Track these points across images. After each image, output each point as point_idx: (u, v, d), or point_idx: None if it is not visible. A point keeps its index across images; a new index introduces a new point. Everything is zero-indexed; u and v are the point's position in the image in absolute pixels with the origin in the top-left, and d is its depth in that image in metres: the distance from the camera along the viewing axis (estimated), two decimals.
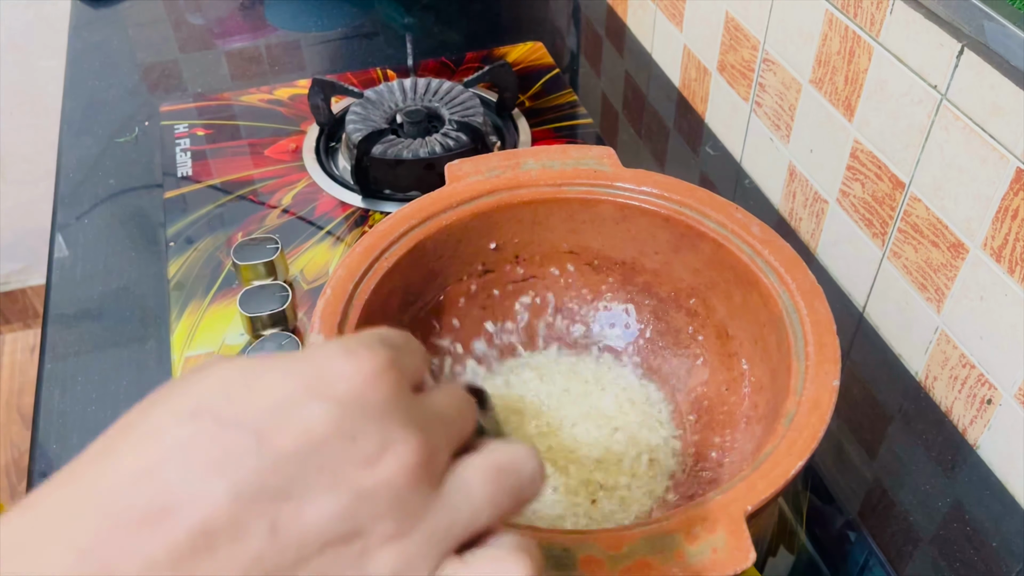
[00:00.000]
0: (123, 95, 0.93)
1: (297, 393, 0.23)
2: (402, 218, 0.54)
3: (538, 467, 0.26)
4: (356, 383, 0.23)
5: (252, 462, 0.21)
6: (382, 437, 0.23)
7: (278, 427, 0.22)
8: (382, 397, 0.23)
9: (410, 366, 0.26)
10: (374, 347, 0.24)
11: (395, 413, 0.23)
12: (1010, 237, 0.53)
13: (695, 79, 0.90)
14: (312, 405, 0.22)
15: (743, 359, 0.54)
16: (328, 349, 0.24)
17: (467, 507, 0.24)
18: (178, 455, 0.22)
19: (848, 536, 0.55)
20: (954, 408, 0.61)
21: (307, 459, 0.22)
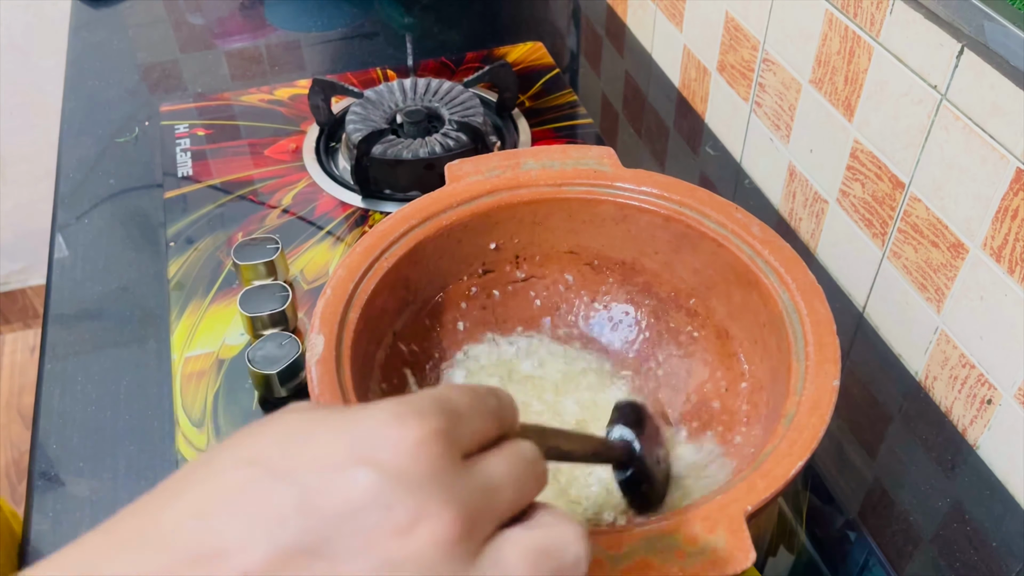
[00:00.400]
0: (123, 95, 0.93)
1: (344, 455, 0.24)
2: (402, 218, 0.54)
3: (583, 551, 0.26)
4: (399, 452, 0.24)
5: (293, 519, 0.23)
6: (417, 508, 0.23)
7: (322, 487, 0.23)
8: (423, 468, 0.24)
9: (467, 432, 0.26)
10: (426, 414, 0.25)
11: (435, 485, 0.24)
12: (1010, 237, 0.53)
13: (695, 79, 0.90)
14: (355, 470, 0.24)
15: (743, 359, 0.54)
16: (382, 412, 0.25)
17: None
18: (232, 501, 0.24)
19: (848, 536, 0.55)
20: (954, 408, 0.61)
21: (343, 523, 0.23)
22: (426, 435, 0.24)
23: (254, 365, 0.60)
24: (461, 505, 0.24)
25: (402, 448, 0.24)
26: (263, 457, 0.24)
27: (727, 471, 0.49)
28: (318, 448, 0.24)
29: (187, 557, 0.23)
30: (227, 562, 0.23)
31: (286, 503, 0.23)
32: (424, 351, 0.56)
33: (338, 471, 0.24)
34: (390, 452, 0.24)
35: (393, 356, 0.54)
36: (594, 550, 0.37)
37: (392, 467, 0.24)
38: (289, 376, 0.60)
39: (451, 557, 0.24)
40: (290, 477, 0.24)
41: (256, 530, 0.23)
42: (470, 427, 0.26)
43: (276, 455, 0.24)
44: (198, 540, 0.23)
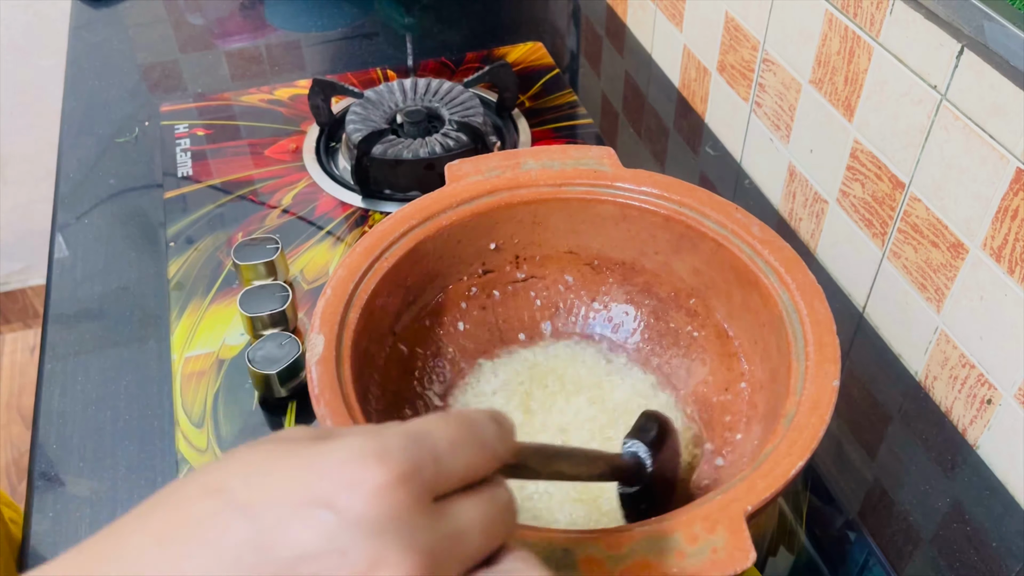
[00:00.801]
0: (123, 95, 0.93)
1: (304, 495, 0.24)
2: (402, 218, 0.54)
3: None
4: (360, 496, 0.23)
5: (248, 557, 0.23)
6: (374, 555, 0.23)
7: (279, 527, 0.23)
8: (384, 513, 0.23)
9: (442, 473, 0.25)
10: (393, 455, 0.24)
11: (395, 531, 0.23)
12: (1010, 237, 0.53)
13: (695, 79, 0.90)
14: (312, 512, 0.23)
15: (743, 359, 0.54)
16: (347, 450, 0.24)
17: None
18: (191, 531, 0.24)
19: (848, 536, 0.55)
20: (954, 408, 0.61)
21: (297, 565, 0.23)
22: (390, 480, 0.24)
23: (254, 365, 0.60)
24: (423, 552, 0.23)
25: (364, 491, 0.23)
26: (227, 487, 0.24)
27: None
28: (280, 483, 0.24)
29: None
30: None
31: (242, 539, 0.23)
32: (424, 351, 0.56)
33: (297, 510, 0.23)
34: (351, 495, 0.23)
35: (393, 356, 0.54)
36: (594, 550, 0.37)
37: (351, 511, 0.23)
38: (289, 376, 0.60)
39: None
40: (249, 512, 0.23)
41: (211, 564, 0.23)
42: (447, 468, 0.25)
43: (239, 486, 0.24)
44: (156, 568, 0.23)
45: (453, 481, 0.26)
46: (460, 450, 0.26)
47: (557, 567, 0.36)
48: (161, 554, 0.23)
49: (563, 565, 0.36)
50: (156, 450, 0.59)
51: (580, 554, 0.36)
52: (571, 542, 0.37)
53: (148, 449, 0.59)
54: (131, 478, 0.57)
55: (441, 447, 0.25)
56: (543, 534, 0.38)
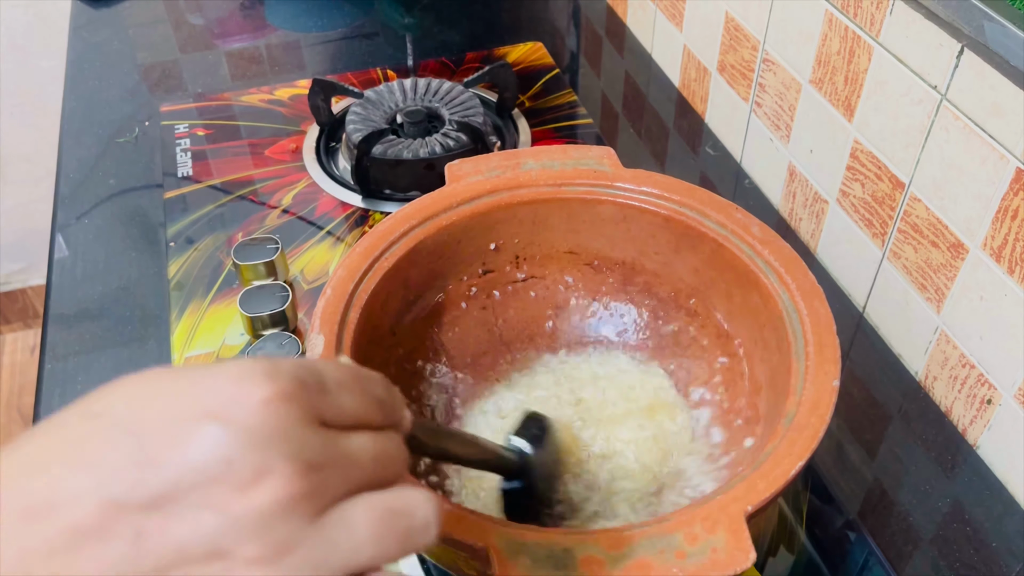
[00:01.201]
0: (123, 95, 0.93)
1: (189, 410, 0.23)
2: (402, 218, 0.54)
3: (432, 514, 0.26)
4: (247, 408, 0.23)
5: (130, 471, 0.22)
6: (260, 464, 0.23)
7: (163, 440, 0.23)
8: (269, 425, 0.23)
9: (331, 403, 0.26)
10: (280, 375, 0.24)
11: (279, 443, 0.23)
12: (1010, 237, 0.53)
13: (695, 79, 0.90)
14: (198, 424, 0.23)
15: (743, 359, 0.54)
16: (235, 369, 0.24)
17: (347, 543, 0.24)
18: (69, 453, 0.23)
19: (848, 536, 0.55)
20: (954, 408, 0.61)
21: (182, 476, 0.22)
22: (276, 393, 0.24)
23: None
24: (306, 465, 0.24)
25: (250, 404, 0.23)
26: (108, 411, 0.24)
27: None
28: (166, 402, 0.24)
29: (17, 509, 0.22)
30: (57, 514, 0.22)
31: (123, 454, 0.23)
32: (424, 351, 0.56)
33: (182, 424, 0.23)
34: (238, 408, 0.23)
35: (393, 356, 0.54)
36: (594, 550, 0.37)
37: (238, 422, 0.23)
38: None
39: (292, 514, 0.23)
40: (132, 429, 0.23)
41: (88, 481, 0.22)
42: (333, 400, 0.26)
43: (122, 408, 0.24)
44: (30, 491, 0.23)
45: (340, 414, 0.26)
46: (346, 388, 0.26)
47: (557, 566, 0.36)
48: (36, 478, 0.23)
49: (563, 565, 0.36)
50: None
51: (580, 554, 0.36)
52: (571, 541, 0.37)
53: None
54: None
55: (328, 379, 0.26)
56: (543, 534, 0.38)
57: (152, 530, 0.22)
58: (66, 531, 0.22)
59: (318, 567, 0.23)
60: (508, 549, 0.37)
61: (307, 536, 0.23)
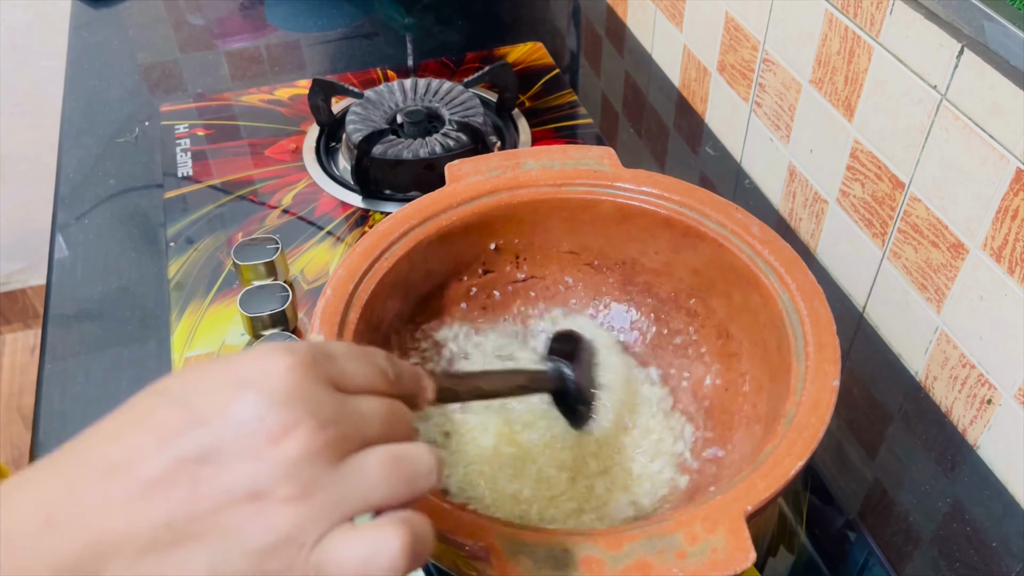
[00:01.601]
0: (123, 95, 0.93)
1: (227, 381, 0.29)
2: (402, 218, 0.54)
3: (434, 462, 0.31)
4: (271, 375, 0.29)
5: (186, 432, 0.28)
6: (287, 419, 0.28)
7: (209, 406, 0.28)
8: (289, 387, 0.28)
9: (340, 370, 0.31)
10: (297, 350, 0.30)
11: (299, 402, 0.28)
12: (1010, 237, 0.53)
13: (695, 79, 0.90)
14: (235, 391, 0.28)
15: (743, 359, 0.54)
16: (260, 349, 0.30)
17: (362, 484, 0.29)
18: (137, 422, 0.29)
19: (848, 536, 0.55)
20: (954, 408, 0.61)
21: (226, 433, 0.28)
22: (294, 363, 0.29)
23: None
24: (324, 419, 0.28)
25: (273, 373, 0.29)
26: (166, 389, 0.29)
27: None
28: (209, 378, 0.29)
29: (99, 466, 0.28)
30: (132, 468, 0.27)
31: (180, 419, 0.28)
32: (424, 351, 0.56)
33: (221, 392, 0.28)
34: (264, 377, 0.29)
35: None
36: (594, 550, 0.37)
37: (266, 387, 0.28)
38: None
39: (315, 460, 0.28)
40: (184, 401, 0.28)
41: (155, 442, 0.28)
42: (343, 367, 0.31)
43: (177, 386, 0.29)
44: (108, 453, 0.28)
45: (349, 380, 0.31)
46: (352, 358, 0.32)
47: (557, 566, 0.36)
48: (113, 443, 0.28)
49: (563, 565, 0.36)
50: None
51: (580, 554, 0.36)
52: (571, 541, 0.37)
53: None
54: None
55: (337, 352, 0.31)
56: (543, 534, 0.38)
57: (205, 477, 0.27)
58: (139, 481, 0.27)
59: (338, 505, 0.28)
60: (508, 549, 0.37)
61: (328, 479, 0.28)
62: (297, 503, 0.27)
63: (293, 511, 0.27)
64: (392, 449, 0.30)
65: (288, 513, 0.27)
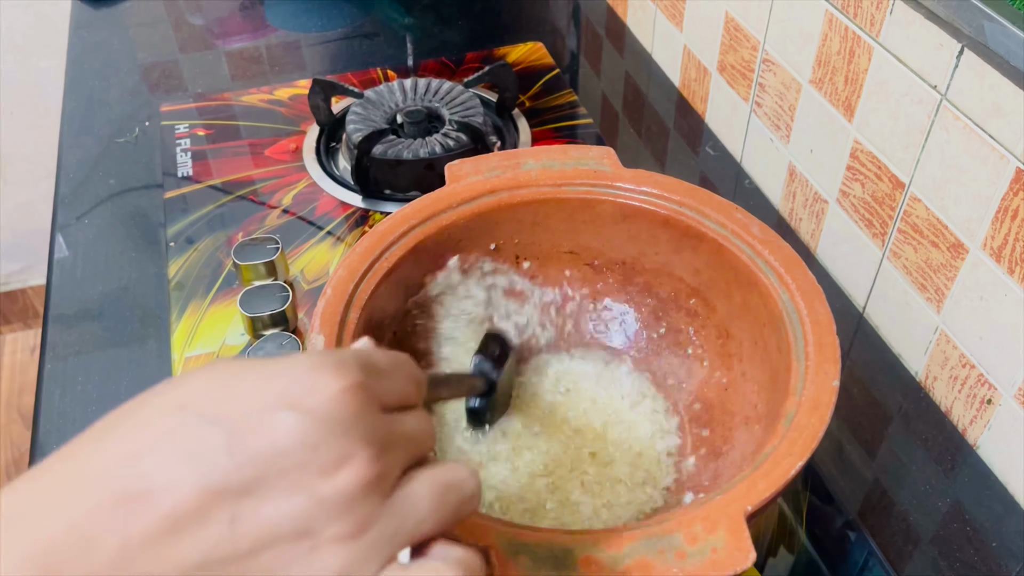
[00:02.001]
0: (123, 95, 0.93)
1: (271, 400, 0.25)
2: (402, 218, 0.54)
3: (477, 487, 0.29)
4: (324, 398, 0.25)
5: (222, 460, 0.24)
6: (341, 450, 0.25)
7: (250, 430, 0.25)
8: (346, 413, 0.26)
9: (386, 388, 0.28)
10: (348, 366, 0.27)
11: (356, 429, 0.26)
12: (1010, 237, 0.53)
13: (695, 79, 0.90)
14: (282, 414, 0.25)
15: (743, 359, 0.54)
16: (307, 361, 0.26)
17: (413, 517, 0.27)
18: (160, 444, 0.24)
19: (848, 536, 0.55)
20: (954, 408, 0.61)
21: (271, 462, 0.24)
22: (350, 384, 0.26)
23: None
24: (380, 449, 0.26)
25: (327, 395, 0.25)
26: (192, 403, 0.25)
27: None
28: (246, 394, 0.25)
29: (114, 498, 0.24)
30: (155, 501, 0.23)
31: (215, 444, 0.24)
32: (424, 351, 0.56)
33: (266, 414, 0.25)
34: (316, 398, 0.25)
35: None
36: (594, 550, 0.37)
37: (318, 412, 0.25)
38: None
39: (370, 494, 0.25)
40: (219, 420, 0.25)
41: (184, 470, 0.24)
42: (389, 386, 0.29)
43: (205, 401, 0.25)
44: (125, 481, 0.24)
45: (392, 398, 0.29)
46: (395, 373, 0.30)
47: (557, 566, 0.36)
48: (130, 468, 0.24)
49: (563, 565, 0.36)
50: None
51: (580, 554, 0.36)
52: (571, 541, 0.37)
53: None
54: None
55: (383, 367, 0.29)
56: (543, 534, 0.38)
57: (246, 513, 0.24)
58: (166, 517, 0.23)
59: (391, 540, 0.26)
60: (508, 549, 0.37)
61: (382, 513, 0.26)
62: (349, 542, 0.25)
63: (344, 551, 0.25)
64: (438, 476, 0.28)
65: (339, 554, 0.25)
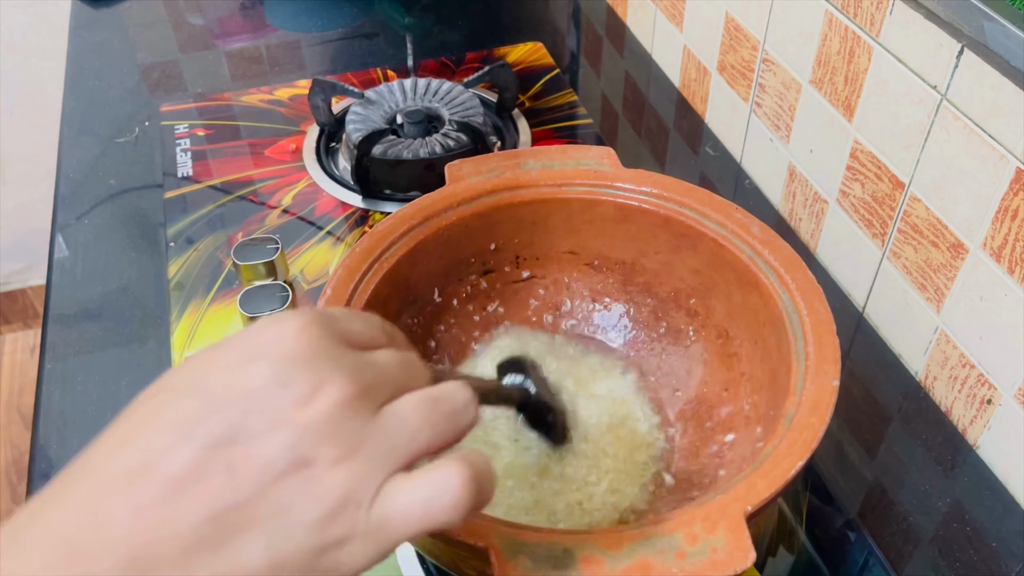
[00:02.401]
0: (123, 95, 0.93)
1: (237, 359, 0.27)
2: (402, 218, 0.54)
3: (470, 397, 0.30)
4: (283, 340, 0.27)
5: (203, 419, 0.26)
6: (312, 380, 0.27)
7: (222, 387, 0.27)
8: (307, 348, 0.27)
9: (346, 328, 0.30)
10: (300, 313, 0.29)
11: (321, 359, 0.27)
12: (1010, 237, 0.53)
13: (695, 79, 0.90)
14: (248, 366, 0.27)
15: (743, 359, 0.54)
16: (262, 321, 0.28)
17: (405, 431, 0.28)
18: (146, 425, 0.27)
19: (848, 536, 0.55)
20: (954, 408, 0.61)
21: (248, 408, 0.26)
22: (303, 323, 0.28)
23: None
24: (351, 372, 0.27)
25: (287, 336, 0.27)
26: (169, 386, 0.28)
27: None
28: (214, 362, 0.28)
29: (117, 478, 0.26)
30: (155, 469, 0.25)
31: (193, 409, 0.26)
32: (424, 351, 0.56)
33: (233, 370, 0.27)
34: (275, 343, 0.27)
35: None
36: (594, 550, 0.37)
37: (280, 353, 0.27)
38: None
39: (352, 414, 0.27)
40: (193, 391, 0.27)
41: (171, 438, 0.26)
42: (349, 325, 0.30)
43: (179, 381, 0.28)
44: (123, 460, 0.26)
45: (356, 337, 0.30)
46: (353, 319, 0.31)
47: (557, 566, 0.36)
48: (128, 449, 0.26)
49: (563, 565, 0.36)
50: None
51: (580, 554, 0.36)
52: (571, 541, 0.37)
53: None
54: None
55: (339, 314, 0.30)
56: (543, 535, 0.38)
57: (240, 459, 0.25)
58: (167, 482, 0.25)
59: (387, 455, 0.27)
60: (508, 549, 0.37)
61: (371, 431, 0.27)
62: (346, 462, 0.26)
63: (345, 471, 0.26)
64: (424, 392, 0.29)
65: (340, 475, 0.26)
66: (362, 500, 0.26)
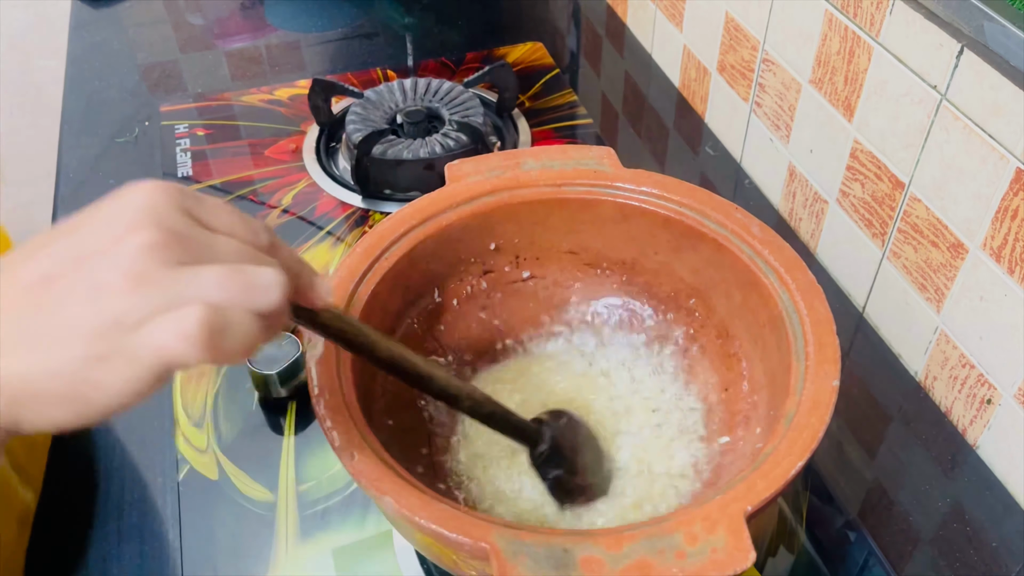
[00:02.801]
0: (123, 95, 0.93)
1: (103, 206, 0.32)
2: (402, 218, 0.54)
3: (277, 278, 0.32)
4: (135, 193, 0.32)
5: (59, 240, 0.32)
6: (133, 224, 0.31)
7: (80, 221, 0.32)
8: (146, 201, 0.32)
9: (200, 208, 0.33)
10: (167, 183, 0.33)
11: (152, 213, 0.31)
12: (1010, 237, 0.53)
13: (695, 79, 0.90)
14: (103, 206, 0.32)
15: (743, 359, 0.54)
16: (139, 182, 0.33)
17: (193, 282, 0.31)
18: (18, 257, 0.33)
19: (848, 536, 0.55)
20: (954, 408, 0.61)
21: (88, 235, 0.32)
22: (155, 186, 0.32)
23: (254, 365, 0.60)
24: (168, 230, 0.31)
25: (137, 191, 0.32)
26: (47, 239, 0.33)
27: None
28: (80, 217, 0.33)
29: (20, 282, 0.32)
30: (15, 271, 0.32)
31: (56, 233, 0.32)
32: (425, 351, 0.56)
33: (93, 210, 0.32)
34: (129, 194, 0.32)
35: None
36: (594, 550, 0.37)
37: (125, 201, 0.32)
38: (289, 376, 0.60)
39: (152, 257, 0.30)
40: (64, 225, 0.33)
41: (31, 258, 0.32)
42: (208, 209, 0.33)
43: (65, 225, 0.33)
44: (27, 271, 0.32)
45: (212, 220, 0.33)
46: (225, 211, 0.34)
47: (557, 566, 0.36)
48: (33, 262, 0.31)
49: (563, 565, 0.36)
50: (156, 450, 0.59)
51: (580, 554, 0.36)
52: (571, 541, 0.37)
53: (148, 449, 0.59)
54: (131, 478, 0.57)
55: (208, 199, 0.34)
56: (543, 534, 0.38)
57: (57, 275, 0.31)
58: (36, 281, 0.31)
59: (164, 295, 0.30)
60: (508, 549, 0.37)
61: (160, 274, 0.31)
62: (128, 293, 0.30)
63: (122, 298, 0.30)
64: (234, 265, 0.32)
65: (117, 300, 0.30)
66: (127, 325, 0.30)
